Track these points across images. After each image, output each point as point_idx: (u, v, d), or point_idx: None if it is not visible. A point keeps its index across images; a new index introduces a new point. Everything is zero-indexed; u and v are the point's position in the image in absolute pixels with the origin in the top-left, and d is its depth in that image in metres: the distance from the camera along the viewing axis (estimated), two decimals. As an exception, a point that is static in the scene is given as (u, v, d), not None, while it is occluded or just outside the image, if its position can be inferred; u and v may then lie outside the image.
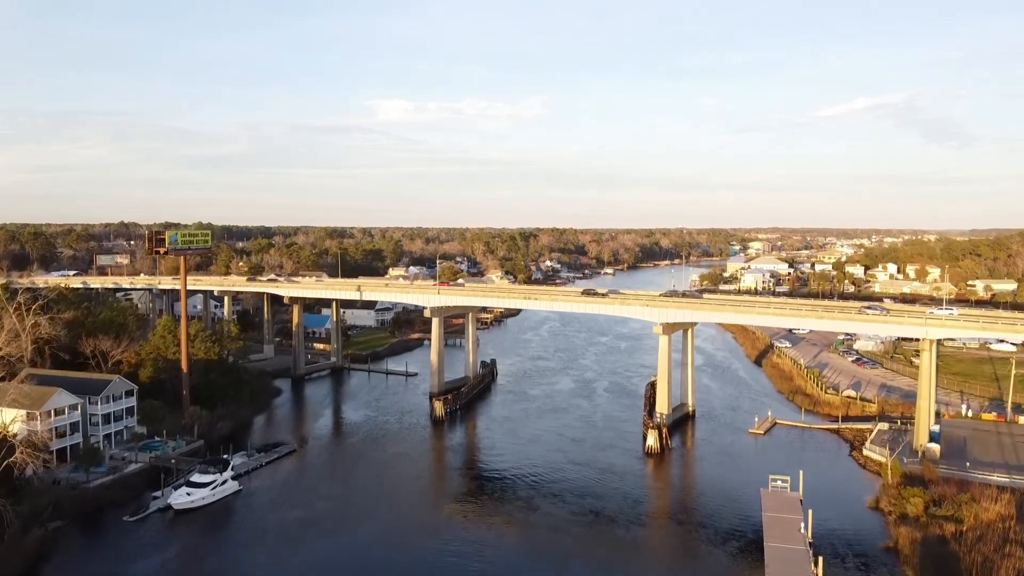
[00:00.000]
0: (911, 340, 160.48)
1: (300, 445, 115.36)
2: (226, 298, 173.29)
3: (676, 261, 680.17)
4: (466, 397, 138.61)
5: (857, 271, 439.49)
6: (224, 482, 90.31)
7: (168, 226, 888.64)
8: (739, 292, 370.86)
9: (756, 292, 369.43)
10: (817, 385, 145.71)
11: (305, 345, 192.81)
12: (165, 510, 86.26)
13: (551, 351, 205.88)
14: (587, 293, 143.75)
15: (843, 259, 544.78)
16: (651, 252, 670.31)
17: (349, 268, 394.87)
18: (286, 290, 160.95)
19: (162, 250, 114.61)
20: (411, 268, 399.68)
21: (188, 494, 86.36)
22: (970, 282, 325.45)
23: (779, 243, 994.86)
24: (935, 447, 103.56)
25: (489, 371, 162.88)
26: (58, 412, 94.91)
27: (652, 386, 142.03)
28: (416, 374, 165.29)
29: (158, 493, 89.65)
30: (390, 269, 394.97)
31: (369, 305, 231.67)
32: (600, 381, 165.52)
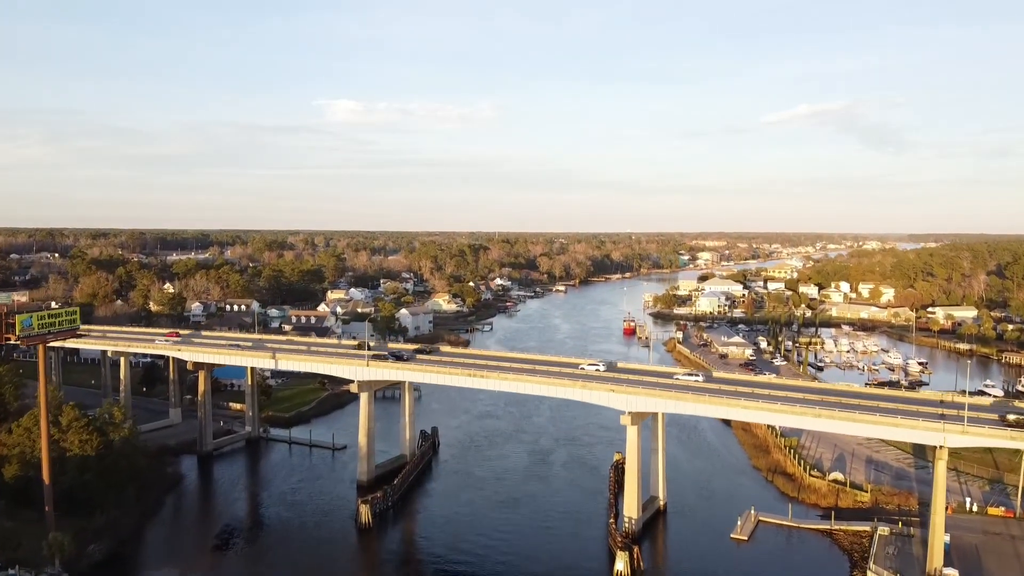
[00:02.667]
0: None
1: None
2: (123, 360, 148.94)
3: (628, 274, 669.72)
4: (400, 489, 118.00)
5: (811, 291, 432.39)
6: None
7: (99, 235, 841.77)
8: (695, 316, 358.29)
9: (712, 316, 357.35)
10: (797, 460, 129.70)
11: (220, 405, 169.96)
12: None
13: (501, 403, 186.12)
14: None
15: (794, 274, 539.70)
16: (603, 265, 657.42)
17: (284, 292, 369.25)
18: (191, 355, 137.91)
19: (12, 337, 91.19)
20: (352, 291, 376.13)
21: None
22: (930, 309, 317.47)
23: (727, 252, 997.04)
24: (952, 574, 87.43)
25: (430, 444, 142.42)
26: None
27: (617, 469, 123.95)
28: (345, 447, 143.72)
29: None
30: (328, 292, 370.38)
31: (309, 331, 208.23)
32: (557, 451, 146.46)
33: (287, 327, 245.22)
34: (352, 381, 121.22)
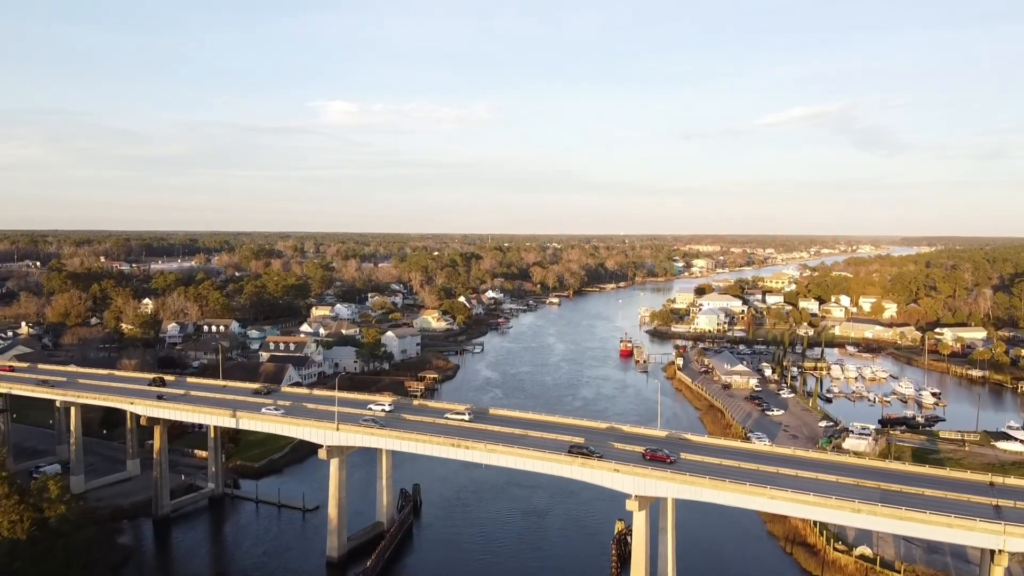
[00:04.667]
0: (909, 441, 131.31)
1: None
2: (73, 410, 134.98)
3: (622, 284, 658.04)
4: (375, 570, 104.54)
5: (811, 305, 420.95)
6: None
7: (83, 242, 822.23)
8: (694, 335, 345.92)
9: (711, 335, 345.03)
10: (819, 528, 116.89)
11: (183, 452, 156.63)
12: None
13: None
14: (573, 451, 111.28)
15: (792, 284, 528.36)
16: (597, 274, 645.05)
17: (267, 308, 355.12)
18: (144, 409, 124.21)
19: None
20: (338, 307, 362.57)
21: None
22: (937, 330, 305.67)
23: (721, 258, 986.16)
24: None
25: (411, 506, 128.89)
26: None
27: (619, 542, 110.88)
28: (317, 508, 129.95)
29: None
30: (313, 308, 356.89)
31: (287, 361, 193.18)
32: (552, 511, 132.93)
33: (264, 354, 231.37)
34: (321, 446, 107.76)
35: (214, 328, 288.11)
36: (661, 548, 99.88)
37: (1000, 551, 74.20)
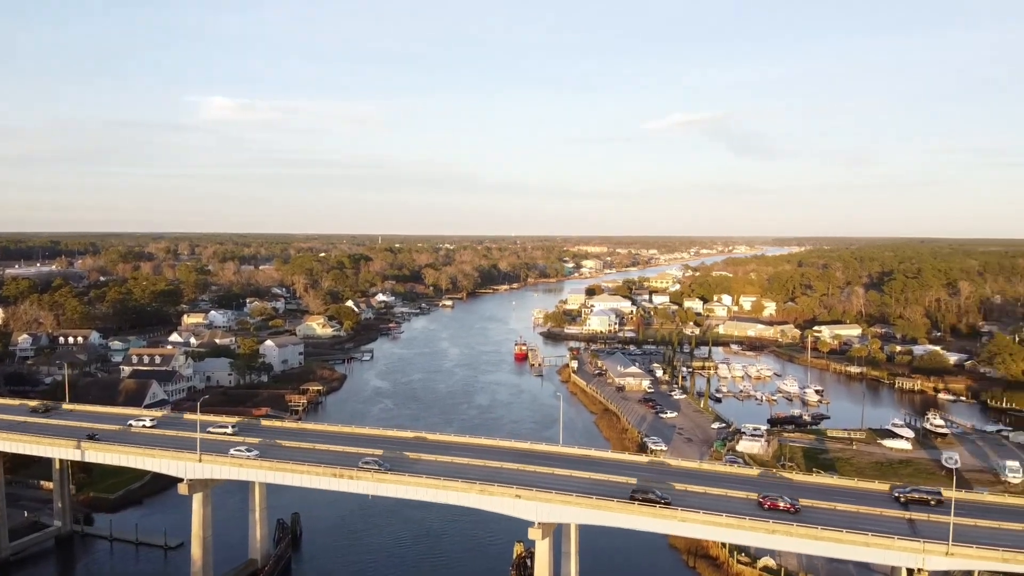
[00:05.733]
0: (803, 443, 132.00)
1: None
2: None
3: (515, 285, 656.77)
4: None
5: (696, 305, 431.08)
6: None
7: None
8: (586, 336, 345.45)
9: (603, 336, 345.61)
10: (721, 543, 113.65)
11: (29, 483, 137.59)
12: None
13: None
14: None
15: (676, 285, 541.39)
16: (490, 276, 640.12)
17: (133, 315, 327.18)
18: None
19: None
20: (212, 313, 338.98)
21: None
22: (816, 328, 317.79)
23: (609, 259, 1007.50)
24: None
25: (288, 538, 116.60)
26: None
27: (519, 567, 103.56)
28: (181, 545, 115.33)
29: None
30: (185, 316, 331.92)
31: (150, 376, 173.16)
32: (449, 533, 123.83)
33: (126, 368, 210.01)
34: (181, 480, 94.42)
35: (72, 340, 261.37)
36: (564, 571, 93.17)
37: (919, 570, 71.52)
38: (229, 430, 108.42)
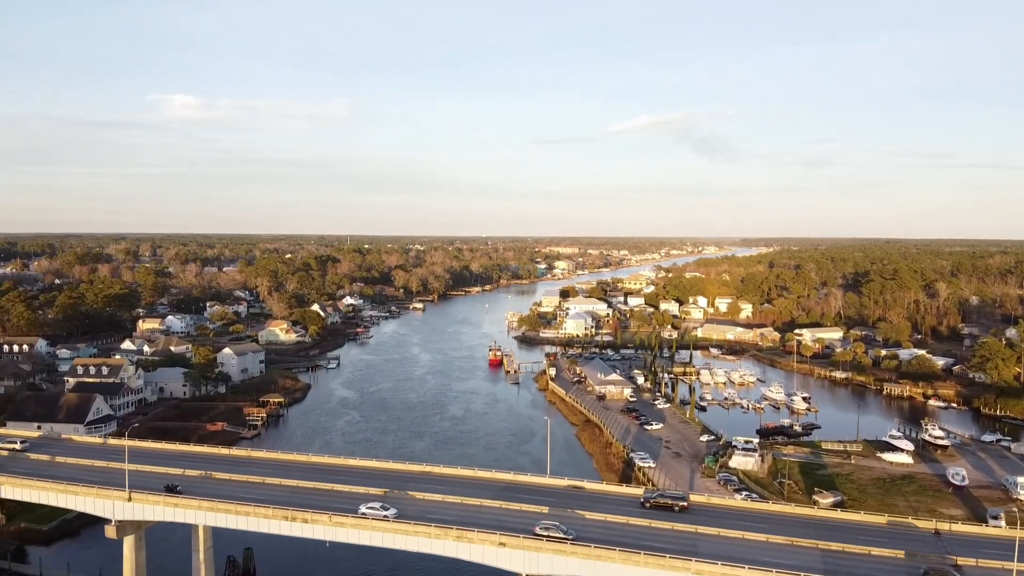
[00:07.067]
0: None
1: None
2: None
3: (488, 287, 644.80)
4: None
5: (671, 307, 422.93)
6: None
7: None
8: (562, 340, 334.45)
9: (580, 340, 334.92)
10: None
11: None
12: None
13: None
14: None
15: (650, 286, 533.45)
16: (462, 278, 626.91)
17: (85, 321, 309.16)
18: None
19: None
20: (169, 318, 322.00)
21: None
22: (797, 331, 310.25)
23: (581, 260, 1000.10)
24: None
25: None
26: None
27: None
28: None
29: None
30: (140, 322, 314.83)
31: (94, 389, 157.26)
32: (424, 568, 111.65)
33: (71, 380, 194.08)
34: (109, 522, 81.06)
35: (16, 348, 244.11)
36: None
37: None
38: (18, 445, 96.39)
